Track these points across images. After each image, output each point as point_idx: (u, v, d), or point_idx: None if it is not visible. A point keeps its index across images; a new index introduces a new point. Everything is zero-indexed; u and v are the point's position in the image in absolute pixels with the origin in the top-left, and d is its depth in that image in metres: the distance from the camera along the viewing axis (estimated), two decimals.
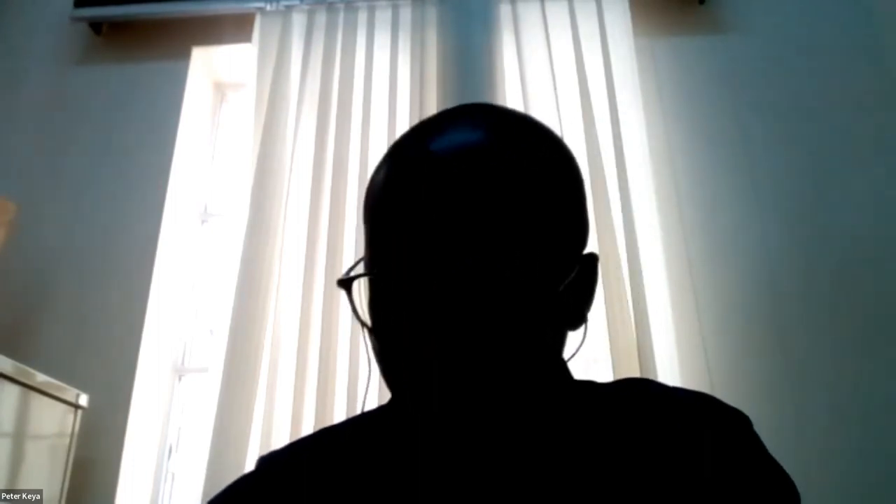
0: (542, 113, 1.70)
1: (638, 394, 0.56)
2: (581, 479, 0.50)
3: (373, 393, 1.22)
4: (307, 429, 1.44)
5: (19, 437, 1.36)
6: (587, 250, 0.54)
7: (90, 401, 1.53)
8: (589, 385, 0.59)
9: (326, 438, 0.61)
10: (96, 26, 2.02)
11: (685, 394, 0.56)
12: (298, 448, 0.61)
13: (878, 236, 1.65)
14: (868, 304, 1.58)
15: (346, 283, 0.51)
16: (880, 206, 1.68)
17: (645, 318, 1.47)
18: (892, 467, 1.45)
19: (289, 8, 1.88)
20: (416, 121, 1.67)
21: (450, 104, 0.58)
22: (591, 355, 1.49)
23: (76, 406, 1.50)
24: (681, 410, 0.53)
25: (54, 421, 1.46)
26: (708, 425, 0.52)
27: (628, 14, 1.80)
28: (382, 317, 0.50)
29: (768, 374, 1.53)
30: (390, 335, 0.49)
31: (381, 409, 0.61)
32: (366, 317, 0.51)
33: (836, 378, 1.52)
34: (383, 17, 1.86)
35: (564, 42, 1.77)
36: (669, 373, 1.47)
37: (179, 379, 1.82)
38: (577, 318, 0.53)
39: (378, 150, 1.70)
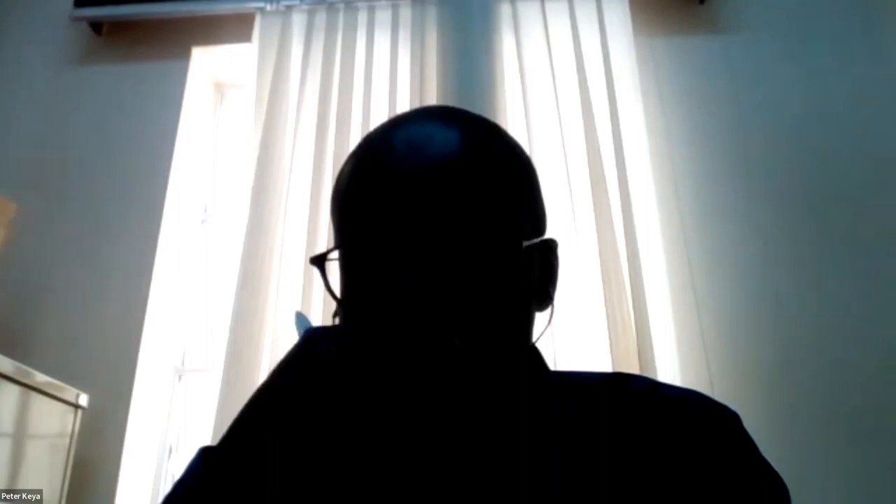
0: (542, 113, 1.70)
1: (627, 388, 0.56)
2: (560, 479, 0.49)
3: None
4: None
5: (19, 437, 1.36)
6: (546, 237, 0.58)
7: (90, 401, 1.53)
8: (574, 375, 0.58)
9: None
10: (96, 26, 2.02)
11: (674, 390, 0.56)
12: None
13: (878, 235, 1.65)
14: (869, 305, 1.58)
15: (319, 261, 0.55)
16: (880, 205, 1.68)
17: (645, 318, 1.47)
18: (891, 467, 1.45)
19: (289, 8, 1.88)
20: None
21: (449, 103, 0.59)
22: (591, 355, 1.48)
23: (76, 406, 1.50)
24: (670, 406, 0.53)
25: (54, 421, 1.46)
26: (697, 421, 0.51)
27: (628, 14, 1.80)
28: (355, 294, 0.52)
29: (769, 373, 1.53)
30: (362, 313, 0.51)
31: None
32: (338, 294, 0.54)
33: (837, 378, 1.52)
34: (383, 17, 1.86)
35: (564, 42, 1.77)
36: (669, 373, 1.47)
37: (179, 379, 1.82)
38: (544, 296, 0.56)
39: None
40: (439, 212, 0.49)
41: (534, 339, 0.55)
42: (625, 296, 1.50)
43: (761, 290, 1.61)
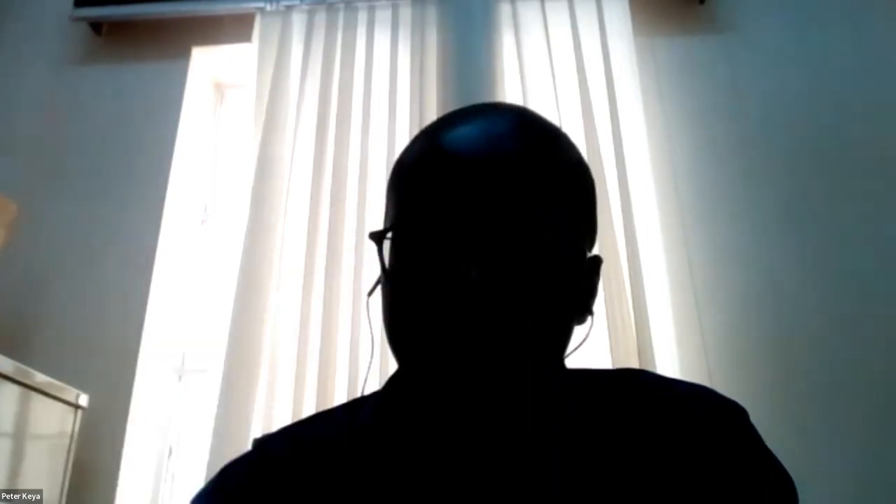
0: (542, 113, 1.69)
1: (634, 384, 0.56)
2: (576, 471, 0.50)
3: (371, 385, 1.22)
4: None
5: (19, 437, 1.36)
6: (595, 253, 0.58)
7: (90, 401, 1.53)
8: (584, 373, 0.59)
9: (323, 420, 0.61)
10: (96, 26, 2.02)
11: (682, 385, 0.56)
12: (295, 430, 0.61)
13: (878, 235, 1.65)
14: (869, 304, 1.58)
15: (379, 237, 0.53)
16: (880, 205, 1.68)
17: (645, 318, 1.47)
18: (892, 466, 1.44)
19: (289, 8, 1.88)
20: (416, 121, 1.68)
21: (450, 104, 0.60)
22: (591, 355, 1.48)
23: (76, 406, 1.50)
24: (677, 401, 0.53)
25: (54, 421, 1.46)
26: (704, 417, 0.52)
27: (628, 14, 1.80)
28: (410, 277, 0.49)
29: (768, 373, 1.53)
30: (417, 299, 0.49)
31: (375, 393, 0.61)
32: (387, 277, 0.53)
33: (837, 377, 1.52)
34: (383, 16, 1.86)
35: (564, 42, 1.77)
36: (669, 373, 1.47)
37: (179, 379, 1.82)
38: (585, 311, 0.56)
39: (378, 150, 1.70)
40: (515, 208, 0.48)
41: (567, 352, 0.55)
42: (625, 296, 1.50)
43: (761, 290, 1.61)
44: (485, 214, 0.48)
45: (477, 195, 0.48)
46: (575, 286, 0.53)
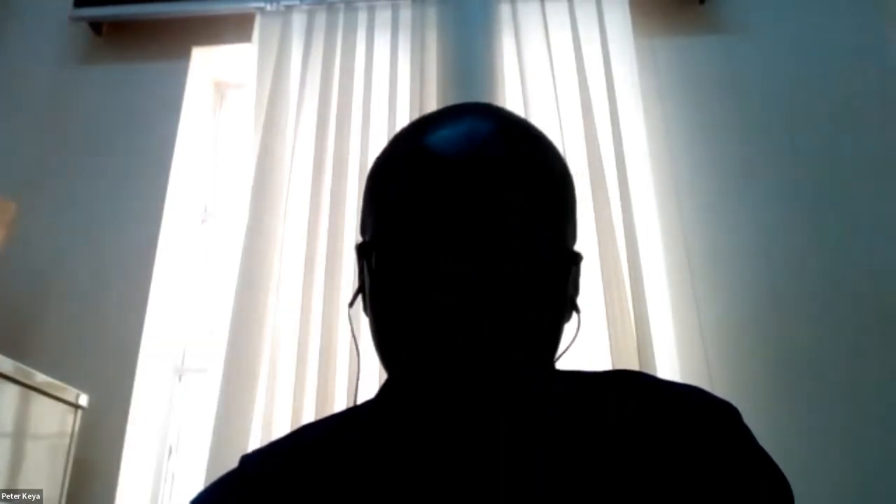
0: (542, 113, 1.70)
1: (627, 385, 0.56)
2: (567, 471, 0.50)
3: (368, 391, 1.22)
4: None
5: (19, 437, 1.36)
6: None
7: (90, 401, 1.53)
8: (577, 375, 0.59)
9: (310, 435, 0.61)
10: (96, 26, 2.02)
11: (675, 386, 0.56)
12: (281, 447, 0.60)
13: (878, 235, 1.65)
14: (868, 304, 1.58)
15: (366, 248, 0.53)
16: (881, 205, 1.68)
17: (645, 318, 1.47)
18: (891, 466, 1.45)
19: (289, 8, 1.88)
20: None
21: (449, 104, 0.59)
22: (591, 355, 1.48)
23: (76, 406, 1.50)
24: (670, 402, 0.53)
25: (54, 421, 1.46)
26: (697, 417, 0.52)
27: (628, 14, 1.80)
28: (404, 282, 0.49)
29: (768, 374, 1.53)
30: (408, 305, 0.48)
31: (363, 405, 0.61)
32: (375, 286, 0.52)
33: (836, 377, 1.52)
34: (383, 17, 1.86)
35: (564, 42, 1.77)
36: (669, 373, 1.47)
37: (179, 379, 1.82)
38: (572, 308, 0.56)
39: (378, 151, 1.69)
40: (507, 209, 0.48)
41: (559, 351, 0.55)
42: (625, 296, 1.50)
43: (761, 290, 1.61)
44: (480, 217, 0.47)
45: (469, 197, 0.48)
46: (564, 285, 0.53)
